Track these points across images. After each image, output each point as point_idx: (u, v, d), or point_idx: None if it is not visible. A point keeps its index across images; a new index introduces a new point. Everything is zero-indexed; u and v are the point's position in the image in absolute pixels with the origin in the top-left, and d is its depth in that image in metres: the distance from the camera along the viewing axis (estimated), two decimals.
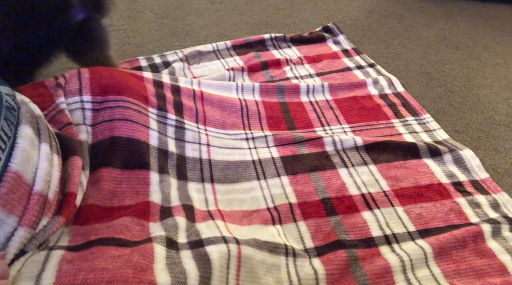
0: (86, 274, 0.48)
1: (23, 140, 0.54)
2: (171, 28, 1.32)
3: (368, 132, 0.92)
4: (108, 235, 0.58)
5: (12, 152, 0.52)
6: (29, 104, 0.62)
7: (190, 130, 0.84)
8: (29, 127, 0.56)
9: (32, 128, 0.57)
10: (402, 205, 0.74)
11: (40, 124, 0.60)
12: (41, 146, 0.57)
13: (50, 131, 0.63)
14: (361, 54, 1.21)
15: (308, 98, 1.02)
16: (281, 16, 1.44)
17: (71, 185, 0.61)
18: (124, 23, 1.31)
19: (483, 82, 1.14)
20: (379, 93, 1.05)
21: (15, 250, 0.50)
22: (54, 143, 0.62)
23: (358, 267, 0.63)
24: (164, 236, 0.58)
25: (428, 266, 0.64)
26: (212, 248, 0.57)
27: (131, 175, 0.70)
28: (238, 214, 0.72)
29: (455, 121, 0.99)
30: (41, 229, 0.54)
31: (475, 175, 0.82)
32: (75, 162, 0.65)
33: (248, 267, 0.58)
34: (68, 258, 0.51)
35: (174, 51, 1.18)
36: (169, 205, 0.68)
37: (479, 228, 0.69)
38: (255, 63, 1.11)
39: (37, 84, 0.77)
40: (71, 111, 0.73)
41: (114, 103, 0.75)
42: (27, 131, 0.55)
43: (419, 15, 1.47)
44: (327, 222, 0.71)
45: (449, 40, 1.33)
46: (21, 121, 0.56)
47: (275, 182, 0.78)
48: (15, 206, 0.50)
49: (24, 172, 0.52)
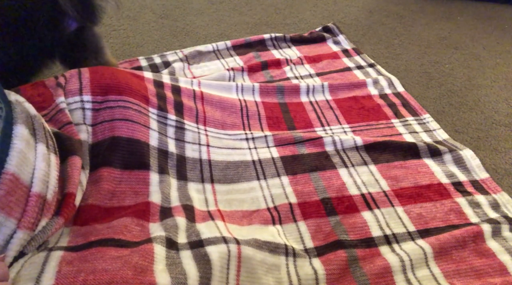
0: (86, 275, 0.48)
1: (19, 141, 0.53)
2: (171, 28, 1.32)
3: (368, 132, 0.92)
4: (108, 236, 0.57)
5: (8, 153, 0.51)
6: (24, 103, 0.61)
7: (190, 131, 0.84)
8: (25, 127, 0.55)
9: (28, 128, 0.56)
10: (402, 205, 0.74)
11: (35, 124, 0.59)
12: (38, 146, 0.56)
13: (47, 130, 0.62)
14: (361, 54, 1.21)
15: (308, 98, 1.02)
16: (281, 16, 1.44)
17: (70, 185, 0.61)
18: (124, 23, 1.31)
19: (483, 82, 1.14)
20: (379, 93, 1.05)
21: (15, 252, 0.50)
22: (51, 142, 0.61)
23: (358, 267, 0.63)
24: (164, 236, 0.58)
25: (428, 266, 0.64)
26: (212, 249, 0.57)
27: (131, 175, 0.70)
28: (238, 214, 0.72)
29: (455, 121, 0.99)
30: (40, 230, 0.53)
31: (475, 175, 0.82)
32: (74, 162, 0.64)
33: (248, 267, 0.58)
34: (67, 259, 0.51)
35: (174, 51, 1.18)
36: (169, 205, 0.68)
37: (479, 228, 0.69)
38: (255, 63, 1.11)
39: (37, 84, 0.77)
40: (71, 110, 0.73)
41: (115, 103, 0.75)
42: (23, 132, 0.54)
43: (419, 15, 1.47)
44: (327, 222, 0.71)
45: (449, 40, 1.33)
46: (17, 121, 0.55)
47: (275, 182, 0.78)
48: (14, 209, 0.50)
49: (21, 174, 0.51)
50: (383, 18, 1.44)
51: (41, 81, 0.78)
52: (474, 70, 1.19)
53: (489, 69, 1.19)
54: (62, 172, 0.62)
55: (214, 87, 0.99)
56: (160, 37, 1.27)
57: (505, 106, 1.05)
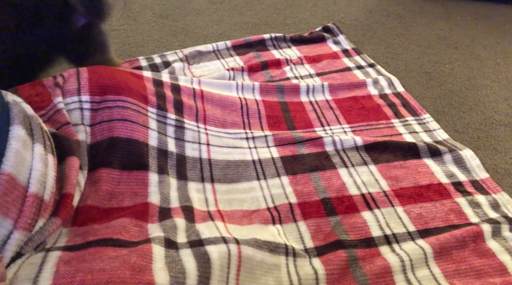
0: (84, 275, 0.48)
1: (16, 141, 0.52)
2: (171, 28, 1.31)
3: (368, 132, 0.92)
4: (106, 236, 0.57)
5: (4, 153, 0.50)
6: (21, 104, 0.61)
7: (190, 130, 0.84)
8: (22, 128, 0.55)
9: (25, 129, 0.56)
10: (402, 205, 0.74)
11: (33, 124, 0.59)
12: (35, 147, 0.56)
13: (44, 131, 0.62)
14: (361, 54, 1.21)
15: (308, 98, 1.02)
16: (281, 16, 1.44)
17: (68, 186, 0.61)
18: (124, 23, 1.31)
19: (483, 82, 1.14)
20: (379, 93, 1.05)
21: (12, 253, 0.49)
22: (48, 143, 0.61)
23: (358, 267, 0.63)
24: (163, 237, 0.58)
25: (428, 266, 0.64)
26: (212, 248, 0.57)
27: (130, 176, 0.70)
28: (238, 214, 0.72)
29: (455, 121, 0.99)
30: (37, 230, 0.53)
31: (475, 175, 0.82)
32: (72, 163, 0.64)
33: (248, 267, 0.58)
34: (65, 259, 0.51)
35: (174, 51, 1.18)
36: (169, 206, 0.68)
37: (479, 228, 0.68)
38: (255, 63, 1.11)
39: (36, 84, 0.77)
40: (69, 111, 0.73)
41: (113, 103, 0.75)
42: (19, 132, 0.54)
43: (419, 15, 1.47)
44: (327, 222, 0.71)
45: (449, 40, 1.33)
46: (14, 121, 0.55)
47: (275, 182, 0.78)
48: (10, 209, 0.49)
49: (18, 174, 0.51)
50: (383, 18, 1.44)
51: (39, 81, 0.78)
52: (474, 70, 1.18)
53: (489, 69, 1.19)
54: (60, 173, 0.62)
55: (214, 85, 0.99)
56: (160, 37, 1.26)
57: (505, 106, 1.05)
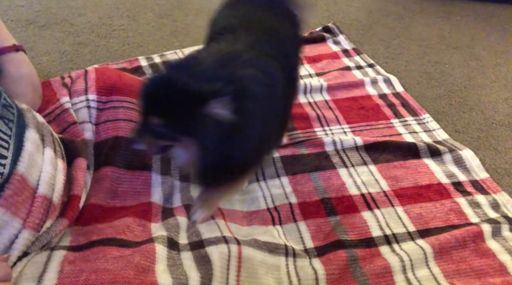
0: (88, 275, 0.48)
1: (30, 144, 0.55)
2: (171, 28, 1.31)
3: (367, 132, 0.92)
4: (110, 236, 0.58)
5: (19, 154, 0.52)
6: (32, 111, 0.63)
7: None
8: (35, 132, 0.57)
9: (38, 134, 0.58)
10: (402, 205, 0.74)
11: (43, 130, 0.61)
12: (46, 151, 0.58)
13: (55, 137, 0.64)
14: (361, 54, 1.21)
15: (307, 98, 1.02)
16: None
17: (76, 187, 0.62)
18: (124, 23, 1.31)
19: (483, 82, 1.14)
20: (378, 93, 1.05)
21: (19, 252, 0.50)
22: (58, 148, 0.63)
23: (358, 267, 0.63)
24: (166, 236, 0.58)
25: (428, 266, 0.64)
26: (212, 249, 0.57)
27: (134, 175, 0.70)
28: (238, 214, 0.72)
29: (455, 121, 0.99)
30: (44, 231, 0.54)
31: (475, 175, 0.82)
32: (79, 164, 0.65)
33: (248, 268, 0.58)
34: (70, 259, 0.52)
35: (174, 51, 1.18)
36: (171, 206, 0.68)
37: (479, 228, 0.69)
38: None
39: (43, 83, 0.78)
40: (77, 110, 0.74)
41: (119, 103, 0.75)
42: (34, 136, 0.56)
43: (419, 15, 1.47)
44: (327, 222, 0.71)
45: (449, 40, 1.33)
46: (28, 125, 0.57)
47: (275, 182, 0.78)
48: (20, 209, 0.51)
49: (29, 175, 0.53)
50: (383, 18, 1.44)
51: (47, 81, 0.79)
52: (474, 70, 1.19)
53: (489, 69, 1.19)
54: (68, 175, 0.63)
55: None
56: (160, 37, 1.26)
57: (505, 106, 1.05)
